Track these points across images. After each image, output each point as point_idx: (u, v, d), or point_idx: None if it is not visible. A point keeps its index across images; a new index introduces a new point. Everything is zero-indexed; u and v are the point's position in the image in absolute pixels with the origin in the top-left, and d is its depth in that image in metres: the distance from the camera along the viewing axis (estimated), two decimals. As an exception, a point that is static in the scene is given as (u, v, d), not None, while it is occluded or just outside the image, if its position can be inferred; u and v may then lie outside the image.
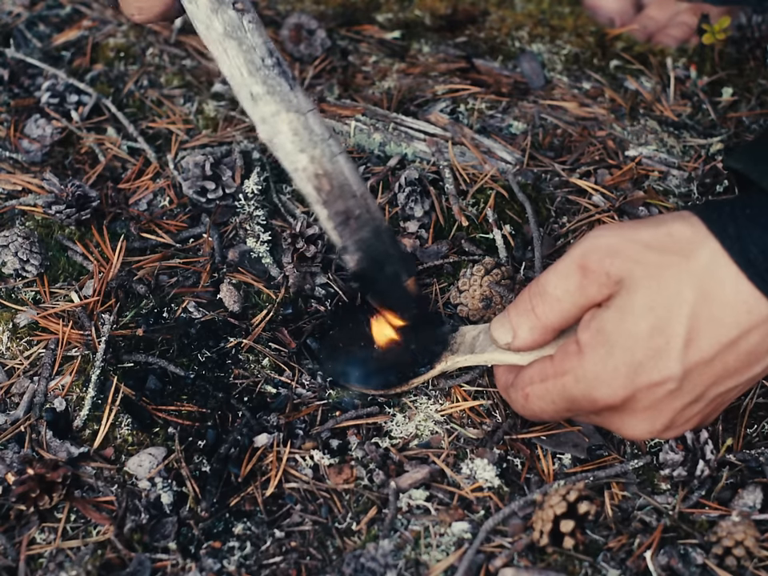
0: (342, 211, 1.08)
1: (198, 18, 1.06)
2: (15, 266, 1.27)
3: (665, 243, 0.97)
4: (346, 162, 1.08)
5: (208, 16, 1.05)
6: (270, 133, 1.07)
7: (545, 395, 1.03)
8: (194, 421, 1.15)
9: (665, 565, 1.04)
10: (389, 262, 1.12)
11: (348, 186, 1.08)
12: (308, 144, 1.06)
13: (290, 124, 1.05)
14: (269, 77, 1.05)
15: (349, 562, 1.02)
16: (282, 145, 1.07)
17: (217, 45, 1.06)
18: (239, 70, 1.05)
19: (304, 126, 1.06)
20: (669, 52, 1.62)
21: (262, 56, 1.05)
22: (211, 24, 1.05)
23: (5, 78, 1.55)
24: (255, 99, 1.06)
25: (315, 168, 1.07)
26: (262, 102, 1.05)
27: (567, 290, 1.00)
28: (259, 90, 1.05)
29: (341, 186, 1.08)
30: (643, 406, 0.99)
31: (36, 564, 1.04)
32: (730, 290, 0.94)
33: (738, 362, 0.97)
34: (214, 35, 1.05)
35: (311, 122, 1.06)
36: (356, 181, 1.09)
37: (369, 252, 1.10)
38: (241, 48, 1.05)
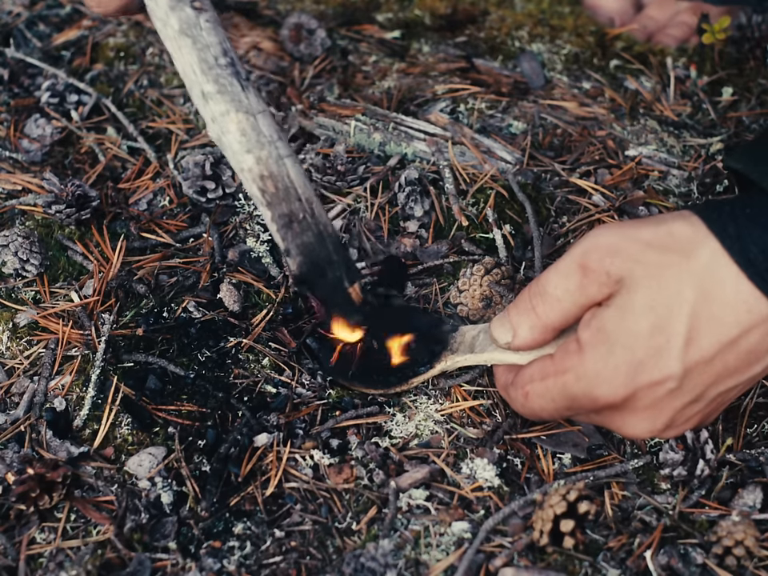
0: (285, 214, 1.08)
1: (156, 15, 1.07)
2: (15, 266, 1.27)
3: (665, 242, 0.97)
4: (293, 164, 1.08)
5: (166, 12, 1.06)
6: (218, 132, 1.07)
7: (545, 393, 1.03)
8: (194, 420, 1.15)
9: (665, 564, 1.04)
10: (331, 268, 1.10)
11: (293, 189, 1.08)
12: (255, 145, 1.07)
13: (239, 124, 1.06)
14: (221, 76, 1.06)
15: (349, 562, 1.02)
16: (229, 144, 1.07)
17: (172, 41, 1.07)
18: (192, 67, 1.06)
19: (252, 127, 1.06)
20: (669, 52, 1.62)
21: (216, 55, 1.06)
22: (168, 21, 1.06)
23: (5, 78, 1.55)
24: (206, 98, 1.06)
25: (261, 169, 1.07)
26: (212, 101, 1.06)
27: (567, 289, 1.00)
28: (210, 88, 1.06)
29: (285, 189, 1.08)
30: (644, 405, 0.99)
31: (36, 564, 1.04)
32: (730, 290, 0.94)
33: (738, 362, 0.97)
34: (170, 32, 1.06)
35: (260, 123, 1.07)
36: (302, 184, 1.09)
37: (310, 256, 1.09)
38: (195, 46, 1.06)
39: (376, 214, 1.37)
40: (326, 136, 1.46)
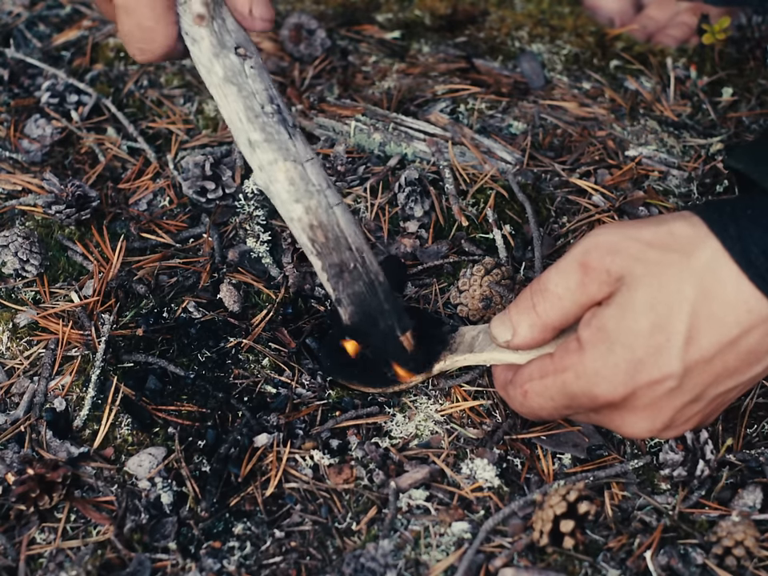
0: (336, 264, 1.08)
1: (200, 62, 1.05)
2: (15, 266, 1.27)
3: (666, 242, 0.97)
4: (343, 213, 1.07)
5: (210, 60, 1.04)
6: (266, 180, 1.06)
7: (544, 392, 1.03)
8: (194, 421, 1.15)
9: (665, 565, 1.04)
10: (383, 317, 1.11)
11: (343, 238, 1.07)
12: (304, 194, 1.05)
13: (287, 173, 1.05)
14: (267, 124, 1.04)
15: (349, 562, 1.02)
16: (278, 193, 1.06)
17: (217, 89, 1.05)
18: (238, 115, 1.05)
19: (301, 176, 1.05)
20: (669, 52, 1.62)
21: (262, 103, 1.05)
22: (212, 68, 1.04)
23: (5, 78, 1.55)
24: (253, 146, 1.05)
25: (310, 219, 1.06)
26: (259, 150, 1.05)
27: (568, 287, 1.00)
28: (257, 137, 1.04)
29: (336, 239, 1.07)
30: (643, 404, 0.99)
31: (36, 564, 1.04)
32: (731, 289, 0.94)
33: (738, 362, 0.97)
34: (215, 79, 1.04)
35: (309, 171, 1.06)
36: (352, 233, 1.08)
37: (362, 306, 1.10)
38: (240, 94, 1.04)
39: (376, 215, 1.37)
40: (326, 136, 1.46)
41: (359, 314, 1.10)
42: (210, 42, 1.03)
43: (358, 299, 1.10)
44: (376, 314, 1.10)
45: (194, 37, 1.04)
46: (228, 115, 1.05)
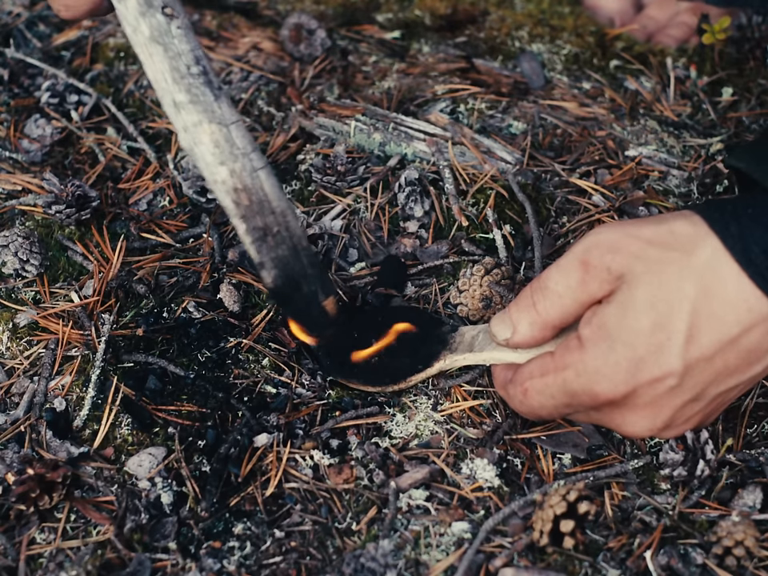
0: (259, 227, 1.07)
1: (126, 20, 1.03)
2: (15, 266, 1.27)
3: (666, 240, 0.97)
4: (267, 177, 1.07)
5: (136, 18, 1.03)
6: (190, 142, 1.05)
7: (544, 390, 1.03)
8: (194, 421, 1.15)
9: (665, 565, 1.04)
10: (306, 281, 1.11)
11: (267, 202, 1.07)
12: (228, 157, 1.05)
13: (212, 135, 1.04)
14: (193, 85, 1.03)
15: (349, 562, 1.02)
16: (202, 155, 1.06)
17: (143, 48, 1.03)
18: (163, 75, 1.03)
19: (226, 139, 1.05)
20: (669, 52, 1.62)
21: (188, 63, 1.03)
22: (138, 27, 1.03)
23: (5, 78, 1.55)
24: (178, 107, 1.04)
25: (234, 182, 1.05)
26: (184, 111, 1.04)
27: (569, 285, 1.00)
28: (182, 98, 1.04)
29: (260, 202, 1.07)
30: (644, 402, 0.99)
31: (36, 564, 1.04)
32: (731, 288, 0.94)
33: (738, 360, 0.97)
34: (141, 38, 1.03)
35: (234, 134, 1.05)
36: (276, 197, 1.08)
37: (285, 270, 1.10)
38: (166, 54, 1.03)
39: (376, 215, 1.37)
40: (326, 136, 1.46)
41: (282, 278, 1.10)
42: (136, 1, 1.02)
43: (282, 263, 1.09)
44: (299, 278, 1.11)
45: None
46: (153, 75, 1.04)
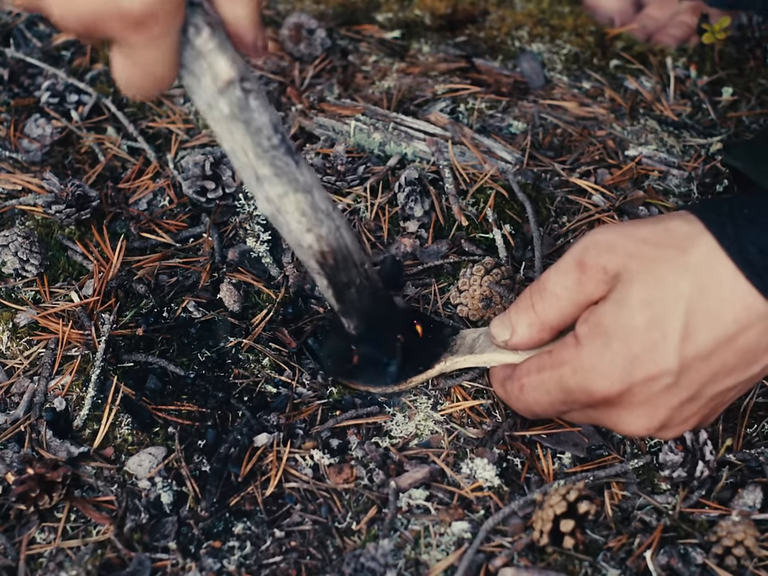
0: (344, 282, 1.09)
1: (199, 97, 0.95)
2: (15, 266, 1.27)
3: (661, 239, 0.98)
4: (348, 233, 1.07)
5: (214, 97, 0.94)
6: (273, 211, 1.02)
7: (540, 386, 1.03)
8: (194, 420, 1.15)
9: (665, 564, 1.04)
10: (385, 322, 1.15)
11: (350, 257, 1.07)
12: (315, 223, 1.03)
13: (297, 204, 1.01)
14: (276, 158, 0.98)
15: (349, 562, 1.02)
16: (286, 223, 1.03)
17: (220, 125, 0.96)
18: (244, 151, 0.97)
19: (311, 206, 1.02)
20: (669, 52, 1.62)
21: (269, 135, 0.97)
22: (216, 105, 0.94)
23: (5, 78, 1.55)
24: (261, 180, 0.99)
25: (321, 246, 1.05)
26: (268, 184, 0.99)
27: (566, 286, 1.01)
28: (266, 171, 0.98)
29: (344, 260, 1.07)
30: (639, 401, 0.99)
31: (36, 564, 1.04)
32: (727, 286, 0.94)
33: (736, 360, 0.97)
34: (217, 115, 0.95)
35: (316, 198, 1.02)
36: (356, 250, 1.08)
37: (368, 317, 1.13)
38: (248, 130, 0.96)
39: (376, 214, 1.37)
40: (326, 136, 1.46)
41: (365, 324, 1.13)
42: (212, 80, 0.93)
43: (364, 311, 1.12)
44: (380, 321, 1.14)
45: (194, 71, 0.92)
46: (231, 149, 0.98)
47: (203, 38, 0.90)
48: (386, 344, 1.16)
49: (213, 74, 0.92)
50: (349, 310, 1.12)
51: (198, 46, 0.91)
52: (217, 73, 0.92)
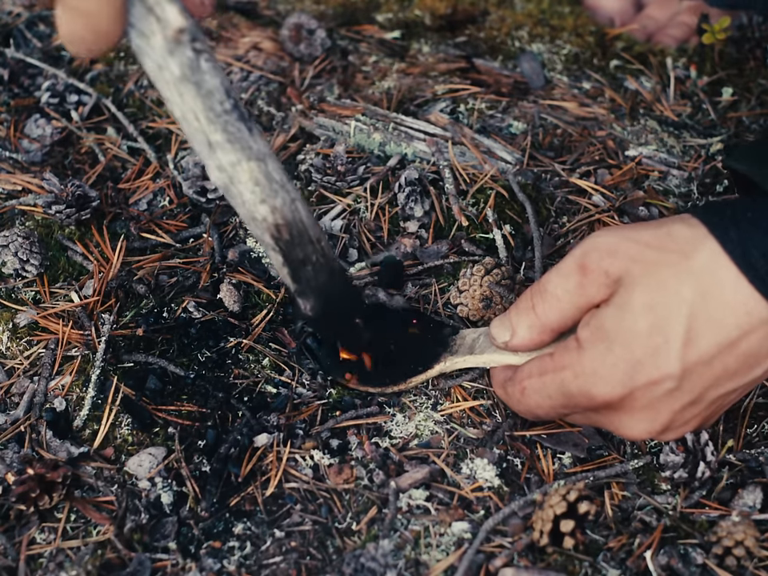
0: (299, 259, 1.05)
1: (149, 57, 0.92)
2: (15, 266, 1.27)
3: (664, 243, 0.97)
4: (303, 206, 1.03)
5: (163, 57, 0.91)
6: (225, 181, 0.99)
7: (542, 389, 1.03)
8: (194, 421, 1.15)
9: (665, 565, 1.04)
10: (343, 303, 1.12)
11: (305, 232, 1.04)
12: (269, 194, 1.00)
13: (251, 173, 0.98)
14: (228, 123, 0.95)
15: (349, 562, 1.02)
16: (240, 194, 1.00)
17: (170, 87, 0.93)
18: (195, 115, 0.94)
19: (265, 175, 0.99)
20: (669, 52, 1.62)
21: (221, 99, 0.94)
22: (166, 66, 0.91)
23: (5, 78, 1.55)
24: (213, 147, 0.96)
25: (275, 218, 1.01)
26: (221, 151, 0.96)
27: (567, 289, 1.01)
28: (219, 137, 0.95)
29: (299, 234, 1.04)
30: (641, 405, 0.99)
31: (36, 564, 1.04)
32: (730, 291, 0.94)
33: (737, 364, 0.97)
34: (168, 77, 0.92)
35: (270, 168, 0.99)
36: (312, 224, 1.05)
37: (324, 296, 1.09)
38: (199, 92, 0.93)
39: (376, 215, 1.37)
40: (326, 136, 1.46)
41: (321, 304, 1.09)
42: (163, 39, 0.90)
43: (321, 290, 1.08)
44: (337, 301, 1.11)
45: (144, 31, 0.90)
46: (182, 113, 0.94)
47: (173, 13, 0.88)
48: (344, 325, 1.14)
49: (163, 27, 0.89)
50: (305, 290, 1.08)
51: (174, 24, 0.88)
52: (168, 22, 0.89)
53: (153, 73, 0.93)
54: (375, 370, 1.17)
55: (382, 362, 1.18)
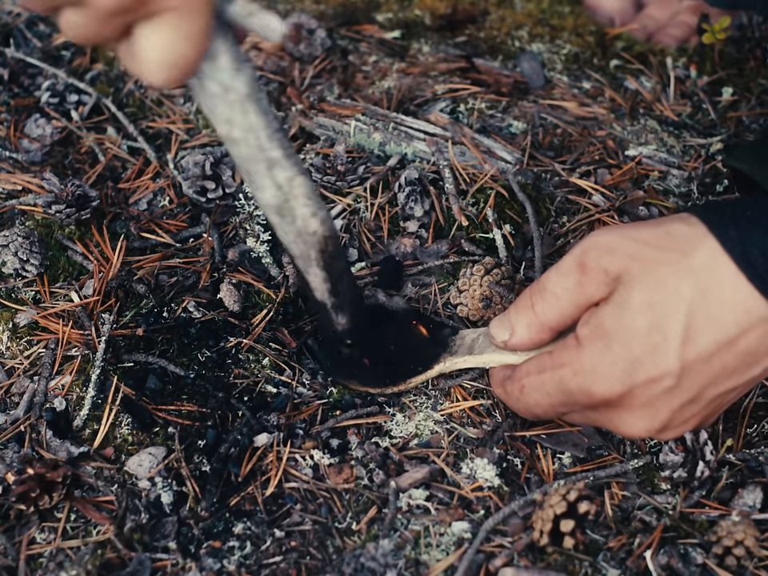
0: (337, 273, 1.07)
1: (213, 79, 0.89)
2: (15, 266, 1.27)
3: (663, 241, 0.98)
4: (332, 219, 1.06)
5: (231, 76, 0.89)
6: (281, 200, 0.99)
7: (541, 387, 1.03)
8: (194, 420, 1.15)
9: (665, 564, 1.04)
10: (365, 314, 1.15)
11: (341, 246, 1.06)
12: (319, 206, 1.00)
13: (304, 187, 0.98)
14: (282, 138, 0.95)
15: (349, 562, 1.02)
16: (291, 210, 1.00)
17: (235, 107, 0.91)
18: (256, 133, 0.93)
19: (312, 188, 1.00)
20: (669, 52, 1.62)
21: (275, 116, 0.94)
22: (233, 85, 0.89)
23: (5, 78, 1.55)
24: (272, 165, 0.96)
25: (324, 230, 1.02)
26: (278, 167, 0.96)
27: (566, 287, 1.01)
28: (277, 154, 0.95)
29: (338, 246, 1.06)
30: (640, 403, 0.99)
31: (36, 564, 1.04)
32: (729, 289, 0.94)
33: (736, 362, 0.97)
34: (234, 97, 0.90)
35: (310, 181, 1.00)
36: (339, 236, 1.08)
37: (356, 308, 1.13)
38: (260, 110, 0.92)
39: (376, 214, 1.37)
40: (326, 136, 1.46)
41: (355, 316, 1.13)
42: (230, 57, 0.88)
43: (354, 302, 1.12)
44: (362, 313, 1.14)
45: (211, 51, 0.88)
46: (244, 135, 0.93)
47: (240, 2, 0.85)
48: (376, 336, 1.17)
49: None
50: (342, 303, 1.10)
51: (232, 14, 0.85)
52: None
53: (216, 97, 0.91)
54: (375, 370, 1.17)
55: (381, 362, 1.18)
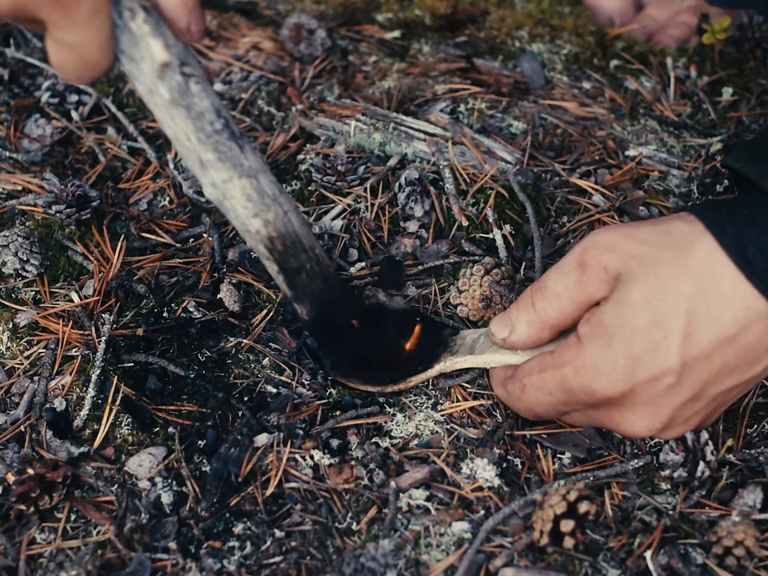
0: (294, 268, 1.09)
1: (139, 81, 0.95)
2: (15, 266, 1.27)
3: (662, 240, 0.98)
4: (296, 217, 1.07)
5: (153, 81, 0.94)
6: (219, 196, 1.02)
7: (542, 386, 1.03)
8: (194, 421, 1.15)
9: (665, 564, 1.04)
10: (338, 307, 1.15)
11: (299, 242, 1.07)
12: (261, 208, 1.03)
13: (243, 190, 1.01)
14: (219, 142, 0.98)
15: (349, 562, 1.02)
16: (233, 208, 1.03)
17: (161, 109, 0.96)
18: (187, 136, 0.97)
19: (257, 191, 1.02)
20: (669, 52, 1.62)
21: (211, 120, 0.97)
22: (156, 90, 0.94)
23: (5, 78, 1.55)
24: (205, 165, 1.00)
25: (269, 231, 1.05)
26: (212, 169, 1.00)
27: (567, 285, 1.01)
28: (210, 156, 0.99)
29: (293, 245, 1.07)
30: (642, 401, 0.99)
31: (36, 564, 1.04)
32: (728, 287, 0.95)
33: (737, 359, 0.97)
34: (159, 101, 0.95)
35: (263, 183, 1.03)
36: (305, 234, 1.08)
37: (319, 301, 1.13)
38: (189, 115, 0.96)
39: (376, 214, 1.37)
40: (326, 136, 1.46)
41: (316, 309, 1.13)
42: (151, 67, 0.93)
43: (315, 296, 1.12)
44: (332, 305, 1.14)
45: (133, 56, 0.93)
46: (174, 134, 0.98)
47: (138, 21, 0.91)
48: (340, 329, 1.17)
49: (150, 58, 0.92)
50: (300, 296, 1.12)
51: (134, 30, 0.91)
52: (153, 56, 0.92)
53: (144, 96, 0.96)
54: (375, 368, 1.17)
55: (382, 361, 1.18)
